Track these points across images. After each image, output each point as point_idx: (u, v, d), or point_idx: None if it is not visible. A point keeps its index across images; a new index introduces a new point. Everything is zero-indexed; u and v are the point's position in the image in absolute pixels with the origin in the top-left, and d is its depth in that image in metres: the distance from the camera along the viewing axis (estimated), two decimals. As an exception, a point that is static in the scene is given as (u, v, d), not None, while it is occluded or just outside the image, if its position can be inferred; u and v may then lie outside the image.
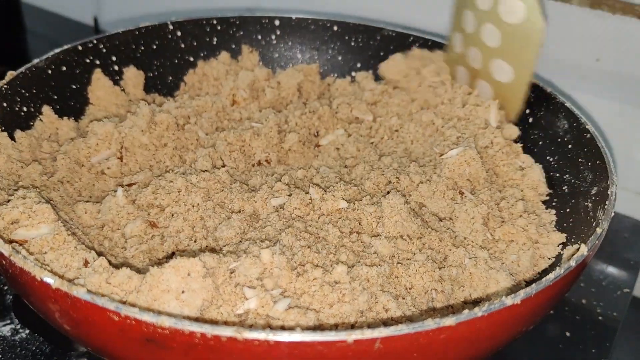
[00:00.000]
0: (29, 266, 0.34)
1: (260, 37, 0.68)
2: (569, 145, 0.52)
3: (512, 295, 0.33)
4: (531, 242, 0.46)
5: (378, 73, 0.65)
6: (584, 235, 0.44)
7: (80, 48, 0.58)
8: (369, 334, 0.30)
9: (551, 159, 0.54)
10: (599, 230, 0.40)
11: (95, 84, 0.59)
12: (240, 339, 0.30)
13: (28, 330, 0.46)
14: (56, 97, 0.56)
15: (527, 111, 0.57)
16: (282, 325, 0.36)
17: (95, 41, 0.59)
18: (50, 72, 0.56)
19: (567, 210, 0.49)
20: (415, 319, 0.39)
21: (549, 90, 0.56)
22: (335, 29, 0.68)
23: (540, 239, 0.47)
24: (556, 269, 0.36)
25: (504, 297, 0.33)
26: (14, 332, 0.46)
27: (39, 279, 0.33)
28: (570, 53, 0.65)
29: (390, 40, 0.66)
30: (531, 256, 0.45)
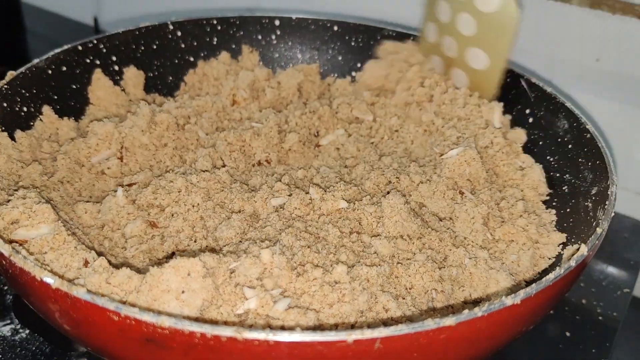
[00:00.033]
0: (29, 266, 0.34)
1: (260, 37, 0.68)
2: (569, 145, 0.52)
3: (512, 295, 0.33)
4: (531, 242, 0.46)
5: (357, 87, 0.64)
6: (584, 235, 0.44)
7: (80, 48, 0.58)
8: (369, 334, 0.30)
9: (551, 159, 0.54)
10: (599, 230, 0.40)
11: (95, 84, 0.59)
12: (240, 339, 0.30)
13: (28, 330, 0.46)
14: (56, 97, 0.56)
15: (527, 111, 0.57)
16: (282, 325, 0.36)
17: (95, 41, 0.59)
18: (50, 72, 0.56)
19: (567, 210, 0.49)
20: (415, 319, 0.39)
21: (549, 90, 0.56)
22: (336, 29, 0.68)
23: (540, 239, 0.47)
24: (556, 269, 0.36)
25: (504, 297, 0.33)
26: (14, 332, 0.46)
27: (39, 279, 0.33)
28: (570, 53, 0.65)
29: (391, 40, 0.66)
30: (531, 256, 0.45)
